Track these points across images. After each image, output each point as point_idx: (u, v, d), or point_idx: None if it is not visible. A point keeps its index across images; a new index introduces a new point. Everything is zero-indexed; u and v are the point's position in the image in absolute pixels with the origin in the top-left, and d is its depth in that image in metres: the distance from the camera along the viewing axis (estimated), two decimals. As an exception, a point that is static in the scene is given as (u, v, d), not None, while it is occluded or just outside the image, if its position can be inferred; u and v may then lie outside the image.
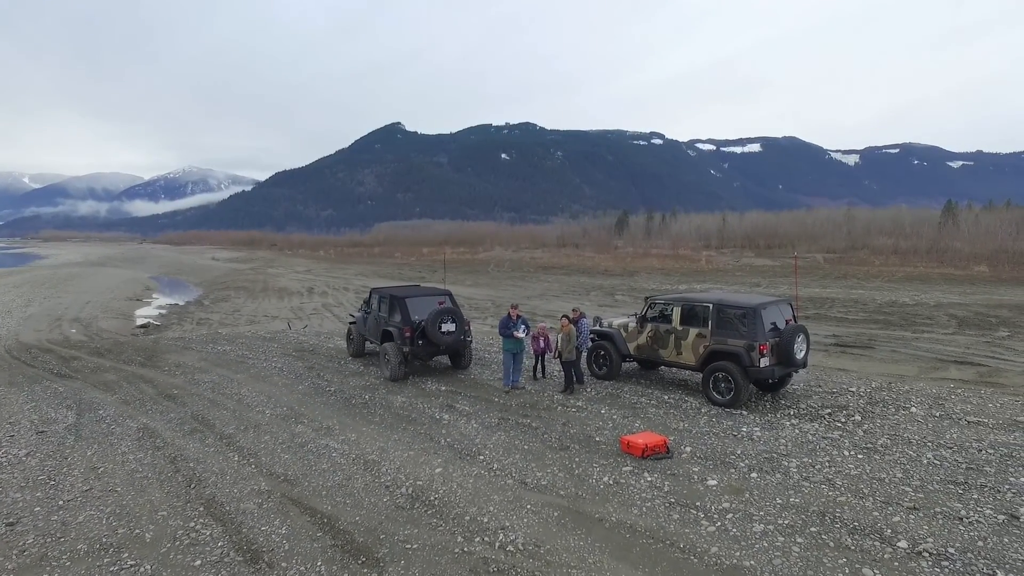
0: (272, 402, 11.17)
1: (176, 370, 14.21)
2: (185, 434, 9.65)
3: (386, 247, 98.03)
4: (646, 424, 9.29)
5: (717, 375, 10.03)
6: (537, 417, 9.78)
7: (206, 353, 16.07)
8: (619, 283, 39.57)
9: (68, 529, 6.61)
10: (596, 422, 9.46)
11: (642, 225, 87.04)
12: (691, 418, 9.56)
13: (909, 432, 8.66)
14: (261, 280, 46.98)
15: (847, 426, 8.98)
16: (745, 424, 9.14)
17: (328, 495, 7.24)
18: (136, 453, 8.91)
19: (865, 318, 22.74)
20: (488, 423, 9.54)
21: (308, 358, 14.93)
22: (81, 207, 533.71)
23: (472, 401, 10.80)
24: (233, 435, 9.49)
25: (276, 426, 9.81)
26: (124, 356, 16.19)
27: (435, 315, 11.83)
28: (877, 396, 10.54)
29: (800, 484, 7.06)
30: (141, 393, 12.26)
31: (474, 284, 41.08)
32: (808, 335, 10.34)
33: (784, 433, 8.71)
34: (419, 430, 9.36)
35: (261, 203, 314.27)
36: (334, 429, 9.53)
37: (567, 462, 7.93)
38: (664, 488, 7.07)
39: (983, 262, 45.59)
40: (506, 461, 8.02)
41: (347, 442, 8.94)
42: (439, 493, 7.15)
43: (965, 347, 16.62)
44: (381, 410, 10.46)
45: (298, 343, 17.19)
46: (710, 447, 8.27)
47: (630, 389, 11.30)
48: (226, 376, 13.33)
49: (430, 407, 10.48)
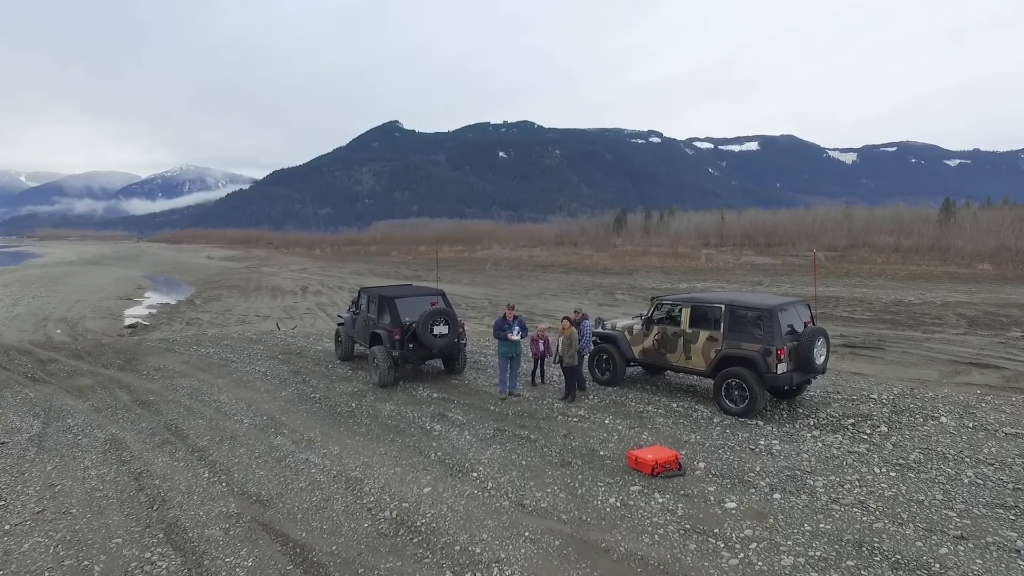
0: (252, 410, 10.42)
1: (155, 374, 13.46)
2: (155, 446, 8.91)
3: (383, 245, 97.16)
4: (654, 436, 8.55)
5: (730, 382, 9.27)
6: (536, 428, 9.04)
7: (189, 356, 15.31)
8: (618, 282, 38.85)
9: (8, 560, 5.87)
10: (600, 433, 8.72)
11: (640, 223, 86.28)
12: (703, 429, 8.81)
13: (943, 446, 7.93)
14: (255, 279, 46.21)
15: (873, 438, 8.24)
16: (762, 436, 8.40)
17: (303, 519, 6.51)
18: (99, 468, 8.17)
19: (872, 317, 22.12)
20: (483, 435, 8.79)
21: (294, 361, 14.17)
22: (78, 206, 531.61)
23: (465, 409, 10.04)
24: (206, 448, 8.75)
25: (254, 437, 9.07)
26: (104, 359, 15.43)
27: (427, 316, 11.04)
28: (901, 404, 9.81)
29: (829, 507, 6.33)
30: (115, 400, 11.51)
31: (471, 283, 40.34)
32: (828, 338, 9.59)
33: (806, 447, 7.98)
34: (408, 442, 8.62)
35: (259, 201, 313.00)
36: (316, 441, 8.79)
37: (569, 480, 7.20)
38: (678, 512, 6.34)
39: (986, 260, 45.12)
40: (502, 479, 7.28)
41: (329, 456, 8.20)
42: (427, 517, 6.42)
43: (979, 348, 16.01)
44: (368, 419, 9.71)
45: (285, 345, 16.42)
46: (726, 463, 7.53)
47: (635, 396, 10.55)
48: (206, 381, 12.58)
49: (420, 416, 9.72)
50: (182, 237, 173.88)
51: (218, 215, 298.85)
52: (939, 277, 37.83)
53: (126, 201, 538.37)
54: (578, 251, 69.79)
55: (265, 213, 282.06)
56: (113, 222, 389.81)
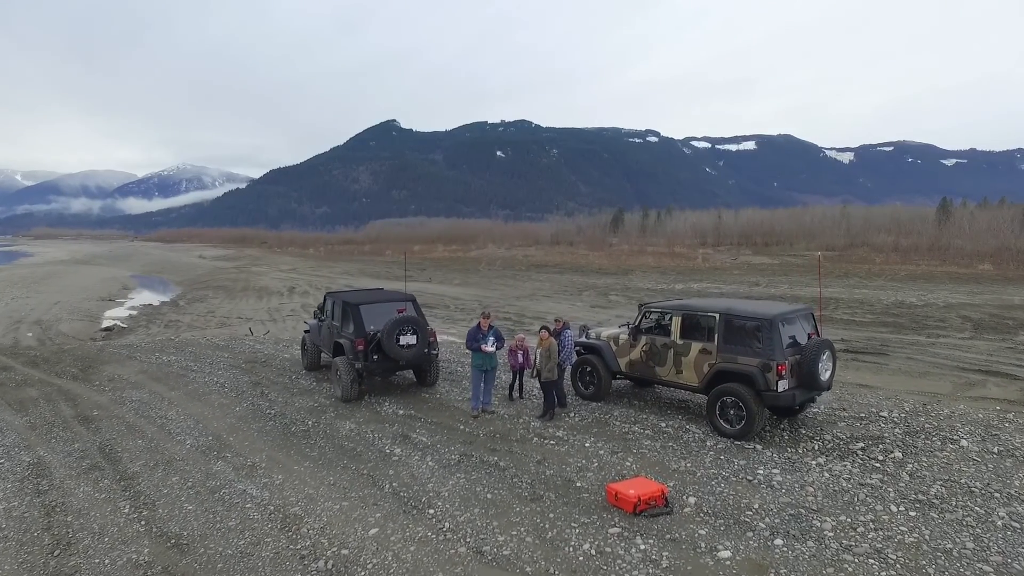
0: (198, 428, 9.44)
1: (107, 385, 12.48)
2: (81, 473, 7.93)
3: (377, 244, 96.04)
4: (639, 463, 7.58)
5: (725, 400, 8.30)
6: (507, 452, 8.06)
7: (148, 364, 14.32)
8: (613, 282, 37.87)
9: None
10: (578, 459, 7.74)
11: (637, 222, 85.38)
12: (694, 454, 7.84)
13: (967, 476, 6.97)
14: (243, 279, 45.18)
15: (887, 466, 7.28)
16: (761, 464, 7.43)
17: (224, 569, 5.54)
18: (12, 500, 7.21)
19: (873, 320, 21.24)
20: (446, 460, 7.81)
21: (258, 371, 13.17)
22: (74, 205, 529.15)
23: (432, 429, 9.05)
24: (136, 475, 7.77)
25: (192, 462, 8.09)
26: (60, 367, 14.46)
27: (392, 326, 10.02)
28: (914, 423, 8.84)
29: (840, 557, 5.37)
30: (56, 415, 10.54)
31: (462, 283, 39.37)
32: (835, 351, 8.62)
33: (811, 477, 7.01)
34: (362, 470, 7.64)
35: (256, 200, 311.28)
36: (259, 468, 7.81)
37: (538, 519, 6.23)
38: (662, 562, 5.38)
39: (986, 260, 44.39)
40: (461, 518, 6.31)
41: (270, 487, 7.22)
42: (368, 568, 5.45)
43: (988, 354, 15.13)
44: (323, 440, 8.72)
45: (252, 352, 15.41)
46: (720, 497, 6.56)
47: (621, 414, 9.55)
48: (158, 394, 11.59)
49: (381, 437, 8.74)
50: (177, 236, 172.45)
51: (215, 214, 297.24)
52: (940, 277, 36.98)
53: (122, 200, 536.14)
54: (574, 250, 68.82)
55: (262, 212, 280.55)
56: (109, 221, 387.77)
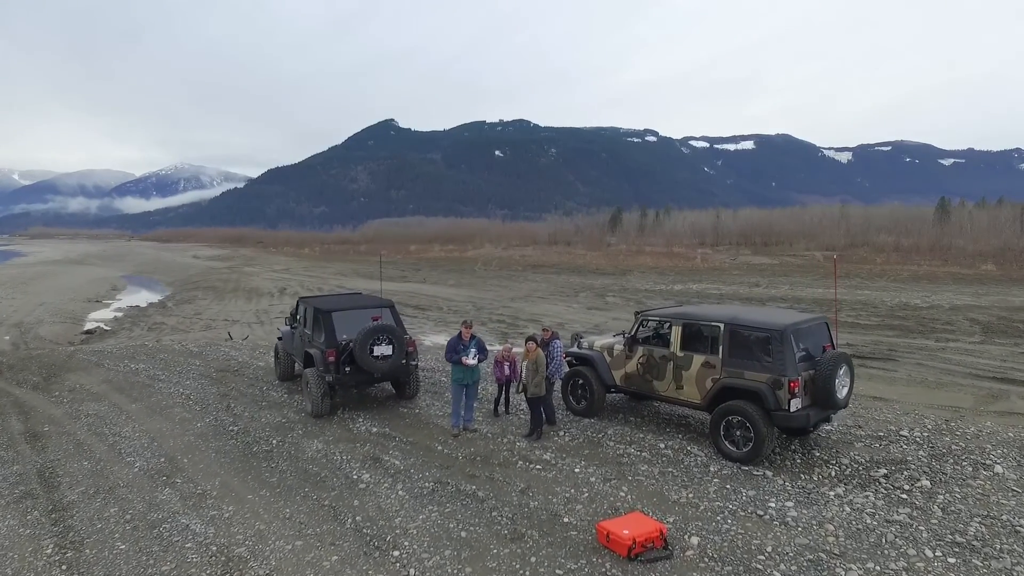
0: (152, 448, 8.59)
1: (66, 396, 11.63)
2: (11, 502, 7.08)
3: (373, 244, 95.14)
4: (634, 492, 6.74)
5: (731, 419, 7.46)
6: (488, 479, 7.20)
7: (115, 372, 13.46)
8: (611, 283, 37.04)
9: None
10: (567, 488, 6.89)
11: (636, 222, 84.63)
12: (697, 482, 6.98)
13: (1007, 512, 6.13)
14: (234, 280, 44.34)
15: (915, 497, 6.44)
16: (773, 495, 6.58)
17: (145, 631, 4.71)
18: (-77, 535, 6.36)
19: (878, 323, 20.50)
20: (419, 489, 6.96)
21: (228, 381, 12.31)
22: (72, 204, 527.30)
23: (407, 451, 8.19)
24: (72, 505, 6.92)
25: (136, 490, 7.23)
26: (23, 375, 13.62)
27: (365, 335, 9.15)
28: (940, 444, 8.01)
29: (871, 618, 4.56)
30: (3, 430, 9.69)
31: (457, 284, 38.50)
32: (852, 366, 7.78)
33: (830, 512, 6.16)
34: (324, 500, 6.79)
35: (254, 200, 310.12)
36: (209, 496, 6.96)
37: (518, 564, 5.39)
38: (660, 624, 4.56)
39: (989, 260, 43.80)
40: (429, 562, 5.47)
41: (216, 521, 6.37)
42: (313, 630, 4.62)
43: (1001, 360, 14.42)
44: (285, 463, 7.87)
45: (225, 360, 14.54)
46: (726, 537, 5.72)
47: (615, 432, 8.69)
48: (117, 406, 10.73)
49: (350, 460, 7.88)
50: (174, 236, 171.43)
51: (213, 214, 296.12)
52: (943, 278, 36.31)
53: (120, 199, 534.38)
54: (571, 250, 68.00)
55: (260, 212, 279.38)
56: (107, 220, 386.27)
